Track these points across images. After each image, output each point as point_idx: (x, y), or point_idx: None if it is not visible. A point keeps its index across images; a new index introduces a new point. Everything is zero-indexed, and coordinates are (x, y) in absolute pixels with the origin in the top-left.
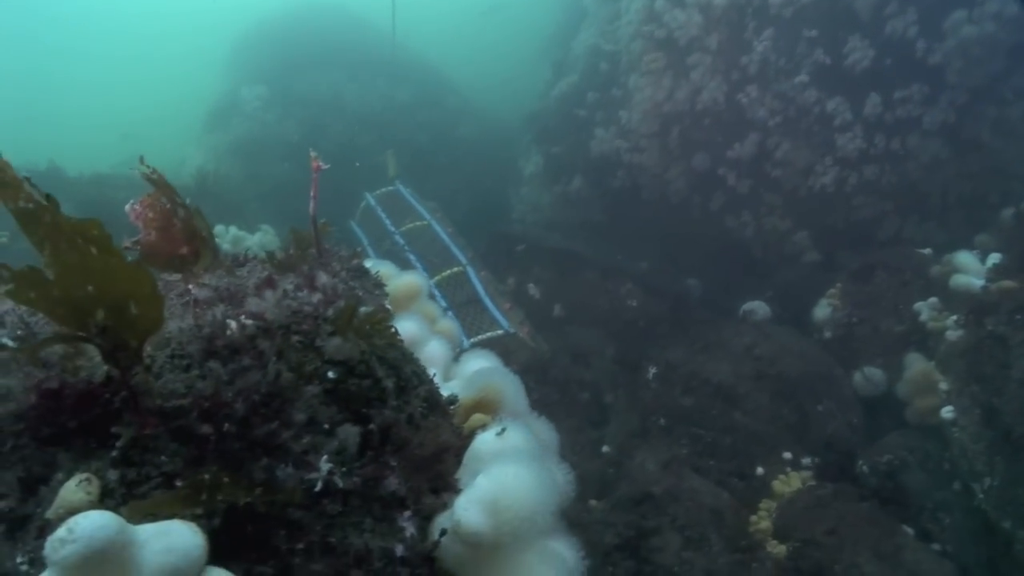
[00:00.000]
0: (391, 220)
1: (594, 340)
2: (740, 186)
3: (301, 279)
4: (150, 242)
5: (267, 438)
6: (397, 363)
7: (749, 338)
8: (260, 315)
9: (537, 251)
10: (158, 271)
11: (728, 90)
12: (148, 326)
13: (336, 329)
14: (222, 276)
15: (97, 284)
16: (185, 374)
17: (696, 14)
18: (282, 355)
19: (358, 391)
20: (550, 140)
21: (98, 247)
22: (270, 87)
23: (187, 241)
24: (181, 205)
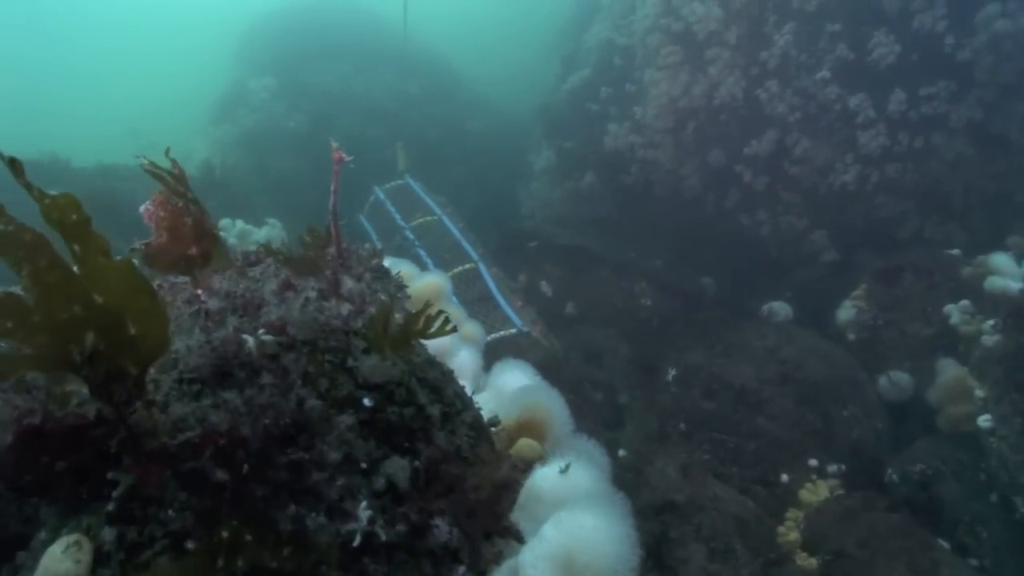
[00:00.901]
0: (401, 214)
1: (607, 339)
2: (756, 183)
3: (324, 284)
4: (161, 244)
5: (294, 480)
6: (439, 384)
7: (772, 340)
8: (281, 328)
9: (549, 248)
10: (164, 272)
11: (746, 85)
12: (150, 349)
13: (369, 345)
14: (234, 278)
15: (84, 300)
16: (196, 403)
17: (715, 7)
18: (309, 378)
19: (399, 421)
20: (562, 135)
21: (83, 245)
22: (278, 79)
23: (197, 241)
24: (193, 202)
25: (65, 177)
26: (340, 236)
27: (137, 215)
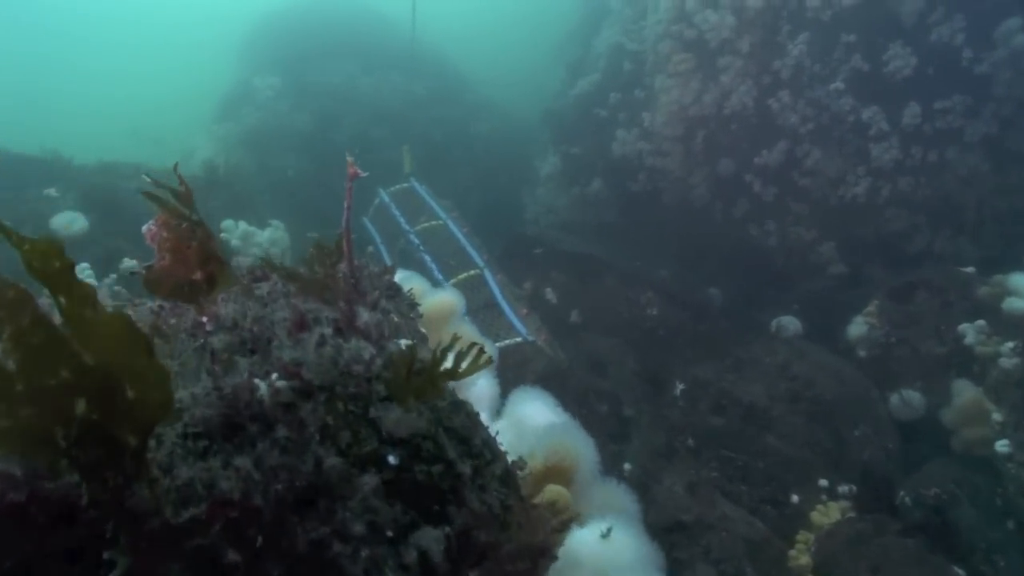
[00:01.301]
0: (405, 218)
1: (612, 348)
2: (765, 194)
3: (338, 315)
4: (164, 267)
5: (314, 554)
6: (467, 433)
7: (782, 357)
8: (296, 372)
9: (555, 255)
10: (167, 299)
11: (758, 95)
12: (151, 413)
13: (392, 391)
14: (241, 302)
15: (73, 362)
16: (203, 463)
17: (729, 16)
18: (328, 431)
19: (427, 480)
20: (569, 140)
21: (68, 297)
22: (283, 77)
23: (202, 265)
24: (198, 224)
25: (67, 175)
26: (353, 256)
27: (139, 214)
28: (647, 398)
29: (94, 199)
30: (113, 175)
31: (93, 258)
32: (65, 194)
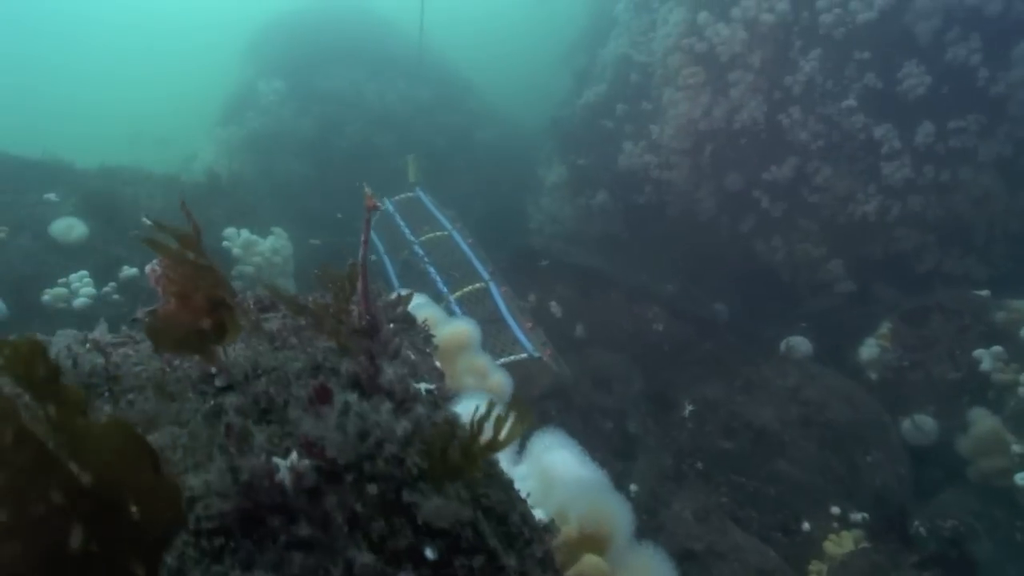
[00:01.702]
0: (409, 227)
1: (617, 364)
2: (774, 209)
3: (359, 369)
4: (169, 312)
5: None
6: (504, 509)
7: (794, 380)
8: (319, 450)
9: (560, 268)
10: (173, 351)
11: (768, 110)
12: (161, 531)
13: (428, 471)
14: (250, 343)
15: (67, 482)
16: (219, 567)
17: (741, 30)
18: (358, 521)
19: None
20: (575, 151)
21: (57, 405)
22: (287, 82)
23: (210, 311)
24: (208, 268)
25: (67, 179)
26: (371, 293)
27: (139, 220)
28: (654, 417)
29: (94, 204)
30: (114, 179)
31: (92, 265)
32: (65, 198)
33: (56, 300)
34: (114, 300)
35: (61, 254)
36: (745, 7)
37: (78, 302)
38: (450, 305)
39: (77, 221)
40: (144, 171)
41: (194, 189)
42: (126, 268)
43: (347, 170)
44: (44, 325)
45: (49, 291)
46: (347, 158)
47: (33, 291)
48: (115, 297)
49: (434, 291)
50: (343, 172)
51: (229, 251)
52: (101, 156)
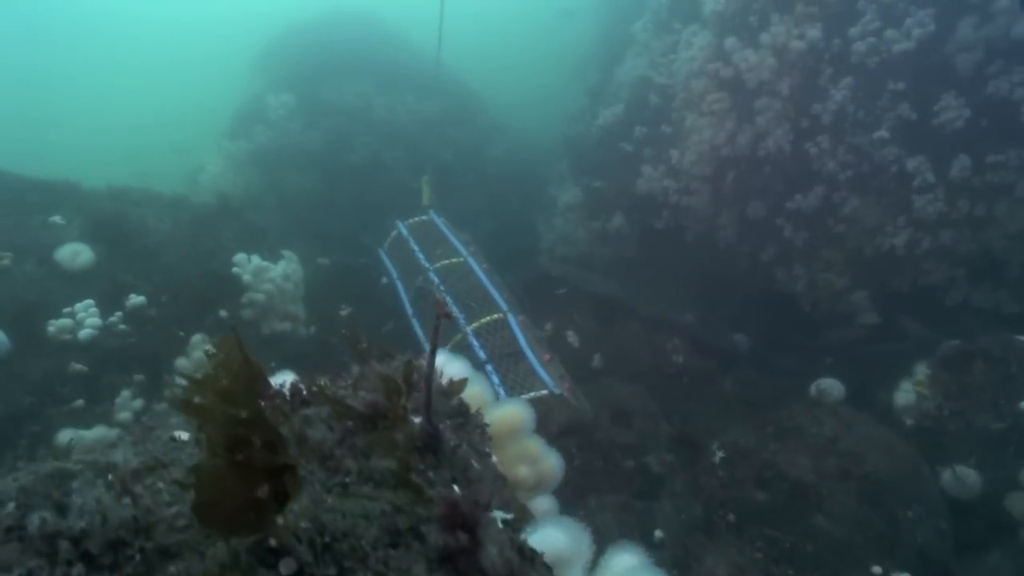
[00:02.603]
0: (423, 251)
1: (635, 396)
2: (796, 238)
3: (451, 543)
4: (217, 477)
5: None
6: None
7: (829, 428)
8: None
9: (578, 296)
10: (224, 530)
11: (795, 138)
12: None
13: None
14: (313, 499)
15: None
16: None
17: (770, 56)
18: None
19: None
20: (591, 173)
21: None
22: (296, 95)
23: (268, 475)
24: (261, 423)
25: (74, 199)
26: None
27: (148, 245)
28: (679, 458)
29: (101, 227)
30: (122, 200)
31: (98, 293)
32: (72, 221)
33: (61, 332)
34: (120, 330)
35: (67, 281)
36: (775, 33)
37: (83, 333)
38: (468, 338)
39: (83, 246)
40: (153, 192)
41: (203, 211)
42: (133, 296)
43: (355, 185)
44: (49, 358)
45: (54, 323)
46: (355, 173)
47: (38, 321)
48: (121, 327)
49: (452, 321)
50: (351, 187)
51: (240, 278)
52: (106, 168)
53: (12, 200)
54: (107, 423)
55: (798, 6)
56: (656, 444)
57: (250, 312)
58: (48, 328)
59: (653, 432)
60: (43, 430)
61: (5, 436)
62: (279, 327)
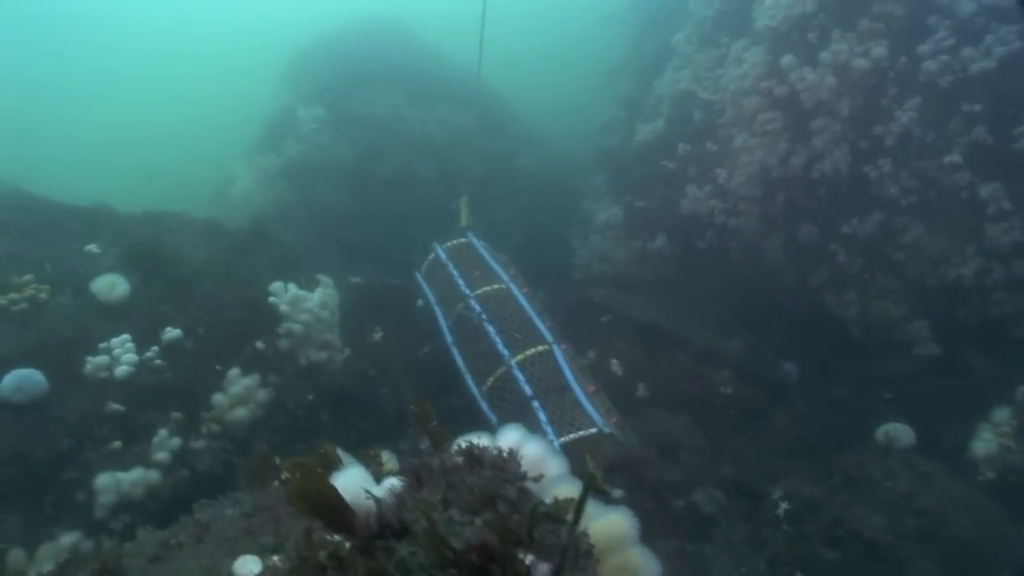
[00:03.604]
0: (463, 276)
1: (682, 429)
2: (850, 264)
3: None
4: None
5: None
6: None
7: (905, 482)
8: None
9: (622, 323)
10: None
11: (853, 161)
12: None
13: None
14: None
15: None
16: None
17: (829, 76)
18: None
19: None
20: (632, 191)
21: None
22: (327, 108)
23: None
24: None
25: (110, 225)
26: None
27: (184, 274)
28: (735, 506)
29: (137, 256)
30: (158, 227)
31: (134, 326)
32: (107, 250)
33: (97, 370)
34: (156, 366)
35: (103, 314)
36: (836, 51)
37: (120, 371)
38: (513, 371)
39: (119, 278)
40: (187, 216)
41: (238, 236)
42: (169, 330)
43: (386, 198)
44: (86, 398)
45: (91, 360)
46: (386, 185)
47: (74, 358)
48: (157, 362)
49: (494, 349)
50: (382, 200)
51: (276, 307)
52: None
53: (49, 228)
54: (144, 464)
55: (862, 22)
56: (705, 480)
57: (286, 342)
58: (85, 366)
59: (701, 467)
60: (81, 475)
61: (44, 482)
62: (315, 357)
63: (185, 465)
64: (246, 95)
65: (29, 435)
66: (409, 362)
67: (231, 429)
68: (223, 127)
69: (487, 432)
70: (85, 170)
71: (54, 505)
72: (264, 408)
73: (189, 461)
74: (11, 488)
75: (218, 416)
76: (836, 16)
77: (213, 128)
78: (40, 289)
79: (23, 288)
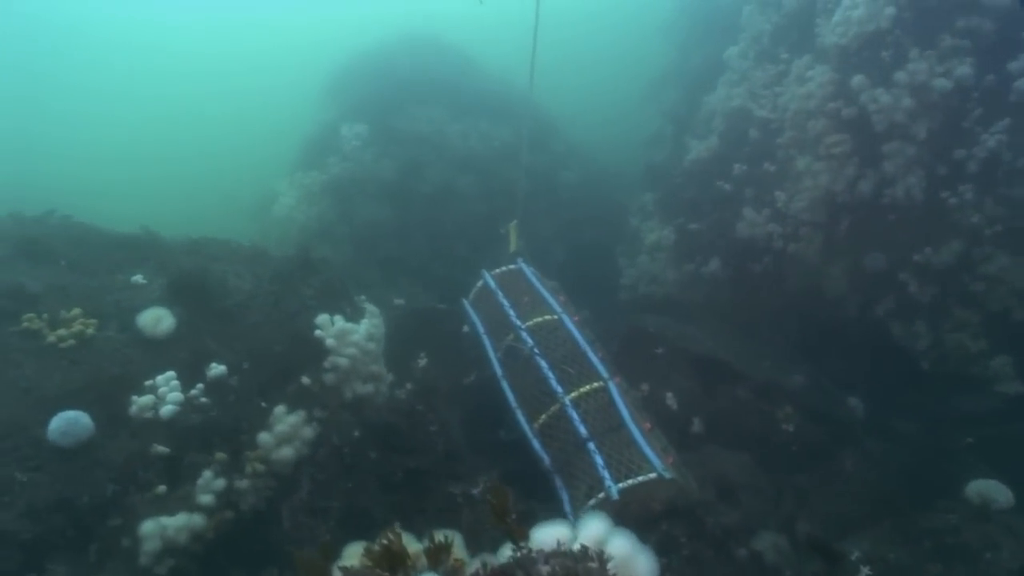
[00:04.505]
0: (513, 306)
1: (742, 468)
2: (922, 294)
3: None
4: None
5: None
6: None
7: (1009, 553)
8: None
9: (677, 355)
10: None
11: (928, 186)
12: None
13: None
14: None
15: None
16: None
17: (906, 97)
18: None
19: None
20: (685, 213)
21: None
22: (369, 124)
23: None
24: None
25: (155, 254)
26: None
27: (228, 306)
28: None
29: (182, 287)
30: (202, 255)
31: (179, 362)
32: (152, 280)
33: (143, 410)
34: (201, 404)
35: (148, 349)
36: (913, 71)
37: (165, 410)
38: (567, 410)
39: (165, 312)
40: (232, 244)
41: (283, 266)
42: (214, 366)
43: (428, 214)
44: (131, 439)
45: (136, 400)
46: (428, 201)
47: (120, 397)
48: (202, 400)
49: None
50: (423, 216)
51: (322, 341)
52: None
53: (97, 258)
54: (189, 507)
55: (944, 38)
56: (767, 524)
57: (332, 377)
58: (131, 407)
59: (763, 510)
60: (125, 522)
61: (89, 529)
62: (361, 390)
63: (229, 505)
64: (286, 111)
65: (75, 480)
66: (455, 390)
67: (276, 468)
68: (263, 142)
69: (557, 503)
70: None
71: (99, 552)
72: (309, 445)
73: (233, 501)
74: (57, 537)
75: (263, 455)
76: (914, 32)
77: (253, 144)
78: (87, 324)
79: (71, 323)
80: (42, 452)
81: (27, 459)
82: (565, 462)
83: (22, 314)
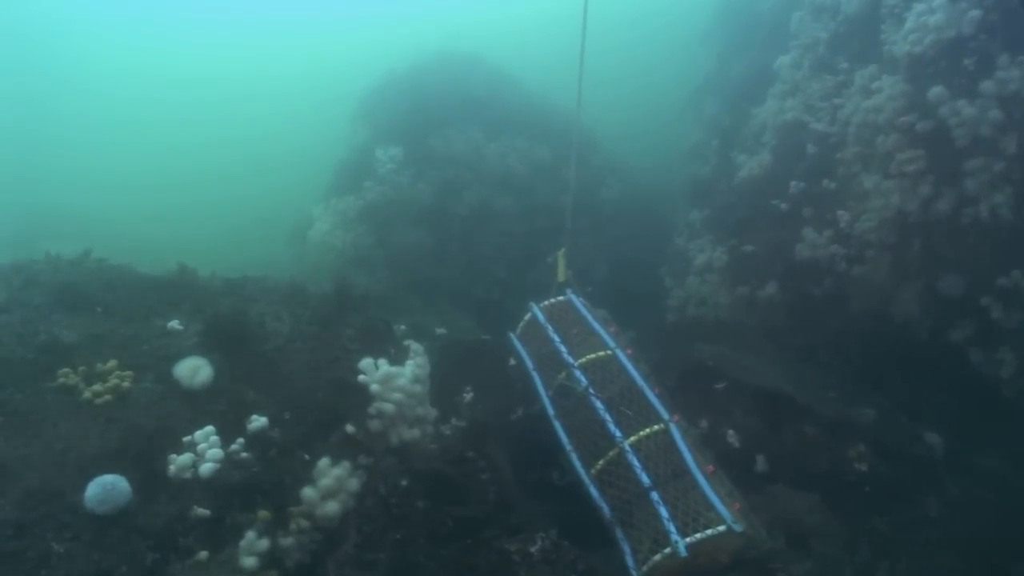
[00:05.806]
0: (564, 341)
1: (812, 511)
2: (1007, 320)
3: None
4: None
5: None
6: None
7: None
8: None
9: (739, 389)
10: None
11: (1016, 204)
12: None
13: None
14: None
15: None
16: None
17: (994, 108)
18: None
19: None
20: (737, 233)
21: None
22: (405, 147)
23: None
24: None
25: (191, 296)
26: None
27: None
28: None
29: (219, 334)
30: (239, 296)
31: (218, 415)
32: (189, 325)
33: (182, 471)
34: (242, 459)
35: (185, 401)
36: (1003, 80)
37: (204, 468)
38: (627, 456)
39: (203, 362)
40: (268, 283)
41: (322, 305)
42: (255, 418)
43: (466, 236)
44: (170, 503)
45: (174, 460)
46: (465, 223)
47: (158, 455)
48: (243, 455)
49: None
50: (462, 238)
51: (367, 386)
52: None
53: (132, 303)
54: (232, 571)
55: None
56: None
57: (377, 423)
58: (169, 467)
59: (839, 559)
60: None
61: None
62: (408, 435)
63: (274, 564)
64: (319, 134)
65: (113, 550)
66: (501, 426)
67: (322, 523)
68: (297, 167)
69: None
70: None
71: None
72: (355, 497)
73: (278, 558)
74: None
75: (308, 511)
76: (1001, 37)
77: (288, 169)
78: (123, 376)
79: (107, 377)
80: (79, 520)
81: (63, 528)
82: (625, 511)
83: (58, 368)
